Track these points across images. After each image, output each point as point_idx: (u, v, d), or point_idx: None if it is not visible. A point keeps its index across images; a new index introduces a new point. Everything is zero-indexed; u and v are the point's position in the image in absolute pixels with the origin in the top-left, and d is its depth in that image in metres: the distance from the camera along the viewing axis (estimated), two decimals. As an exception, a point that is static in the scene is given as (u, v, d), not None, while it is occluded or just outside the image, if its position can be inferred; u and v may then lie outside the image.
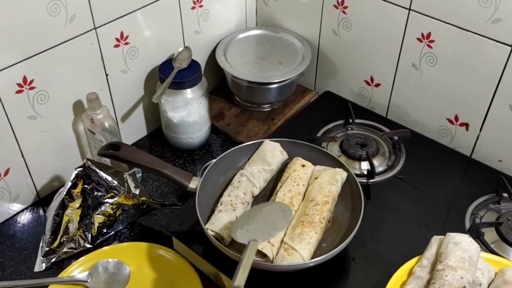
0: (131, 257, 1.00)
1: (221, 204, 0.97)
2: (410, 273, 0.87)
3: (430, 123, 1.23)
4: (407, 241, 0.99)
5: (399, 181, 1.12)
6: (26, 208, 1.11)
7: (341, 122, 1.25)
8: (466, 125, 1.17)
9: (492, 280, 0.86)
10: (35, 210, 1.11)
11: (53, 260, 1.01)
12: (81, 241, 1.02)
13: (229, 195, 0.98)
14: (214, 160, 1.03)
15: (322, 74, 1.39)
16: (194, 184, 0.97)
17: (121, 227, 1.07)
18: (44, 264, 1.01)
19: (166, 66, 1.16)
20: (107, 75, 1.11)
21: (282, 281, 0.92)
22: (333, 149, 1.17)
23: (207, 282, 0.96)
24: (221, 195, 1.00)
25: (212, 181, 1.01)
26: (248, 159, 1.07)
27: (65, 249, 1.01)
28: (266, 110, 1.34)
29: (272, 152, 1.06)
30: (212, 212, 0.97)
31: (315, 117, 1.28)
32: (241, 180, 1.01)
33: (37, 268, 1.00)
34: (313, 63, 1.37)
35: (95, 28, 1.04)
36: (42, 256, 1.01)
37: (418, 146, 1.19)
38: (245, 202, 0.97)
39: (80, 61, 1.05)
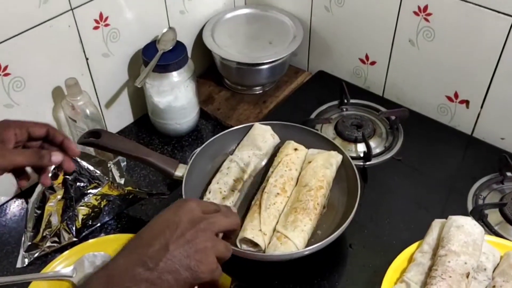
0: (118, 249, 0.95)
1: (210, 192, 0.92)
2: (411, 259, 0.82)
3: (429, 102, 1.18)
4: (407, 225, 0.95)
5: (397, 162, 1.07)
6: (7, 202, 1.06)
7: (335, 102, 1.20)
8: (467, 102, 1.12)
9: (498, 264, 0.81)
10: (17, 204, 1.06)
11: (36, 255, 0.96)
12: (65, 235, 0.97)
13: (217, 183, 0.93)
14: (201, 147, 0.98)
15: (315, 53, 1.33)
16: (180, 171, 0.92)
17: (108, 219, 1.02)
18: (26, 260, 0.96)
19: (150, 49, 1.10)
20: (87, 59, 1.05)
21: (275, 270, 0.87)
22: (328, 131, 1.12)
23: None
24: (209, 182, 0.95)
25: (200, 168, 0.97)
26: (238, 144, 1.02)
27: (48, 243, 0.96)
28: (258, 92, 1.28)
29: (262, 136, 1.01)
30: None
31: (309, 98, 1.23)
32: (231, 166, 0.96)
33: (19, 264, 0.95)
34: (305, 42, 1.31)
35: (71, 9, 0.97)
36: (25, 251, 0.96)
37: (416, 125, 1.14)
38: (235, 189, 0.92)
39: (57, 45, 0.99)
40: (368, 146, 1.05)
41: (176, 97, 1.12)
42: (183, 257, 0.57)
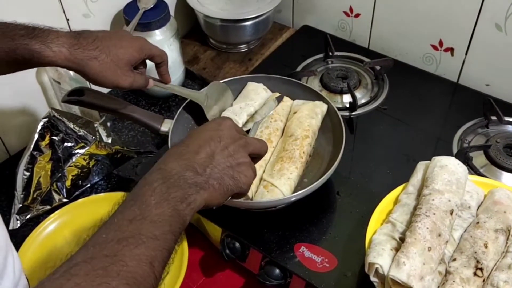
0: (108, 208, 0.94)
1: None
2: (396, 201, 0.83)
3: (414, 51, 1.17)
4: (393, 172, 0.95)
5: (383, 112, 1.07)
6: (-4, 166, 1.07)
7: (320, 56, 1.19)
8: (451, 49, 1.12)
9: (481, 202, 0.82)
10: (6, 169, 1.06)
11: (28, 216, 0.97)
12: (56, 196, 0.98)
13: None
14: (187, 101, 0.97)
15: (300, 9, 1.32)
16: (166, 126, 0.93)
17: (97, 179, 1.03)
18: (19, 222, 0.97)
19: (131, 8, 1.09)
20: (68, 20, 1.04)
21: (264, 219, 0.88)
22: (314, 84, 1.12)
23: (188, 226, 0.93)
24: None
25: (187, 123, 0.97)
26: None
27: (39, 205, 0.97)
28: (243, 50, 1.28)
29: (255, 90, 1.01)
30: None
31: (294, 53, 1.22)
32: None
33: (11, 226, 0.96)
34: (289, -3, 1.30)
35: (48, -32, 0.96)
36: (16, 214, 0.97)
37: (402, 75, 1.14)
38: None
39: (37, 6, 0.98)
40: (353, 96, 1.05)
41: (160, 56, 1.12)
42: (227, 167, 0.62)
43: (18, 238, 0.94)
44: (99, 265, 0.48)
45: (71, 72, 1.02)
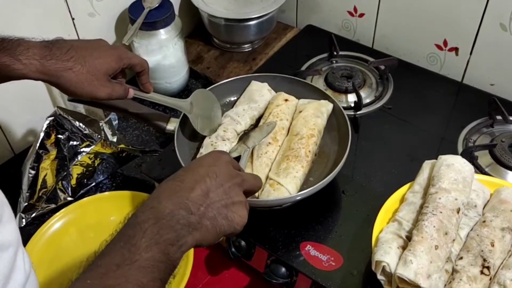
0: (113, 206, 0.96)
1: (202, 147, 0.92)
2: (402, 200, 0.83)
3: (418, 51, 1.18)
4: (398, 171, 0.95)
5: (387, 111, 1.07)
6: (1, 166, 1.07)
7: (325, 55, 1.19)
8: (456, 49, 1.12)
9: (488, 201, 0.82)
10: (11, 167, 1.07)
11: (34, 215, 0.97)
12: (61, 194, 0.98)
13: (209, 138, 0.93)
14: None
15: (303, 8, 1.32)
16: (172, 125, 0.93)
17: (102, 178, 1.03)
18: (24, 220, 0.97)
19: (136, 7, 1.09)
20: (73, 19, 1.05)
21: (270, 218, 0.88)
22: (318, 83, 1.12)
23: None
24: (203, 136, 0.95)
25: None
26: (235, 102, 1.02)
27: (44, 203, 0.97)
28: (247, 50, 1.28)
29: (259, 91, 1.01)
30: (195, 155, 0.93)
31: (298, 52, 1.22)
32: (224, 121, 0.96)
33: (17, 224, 0.96)
34: (293, -3, 1.30)
35: (54, -33, 0.97)
36: (21, 212, 0.97)
37: (406, 75, 1.14)
38: (225, 139, 0.92)
39: (42, 5, 0.98)
40: (358, 95, 1.05)
41: (164, 55, 1.12)
42: (221, 206, 0.59)
43: (23, 236, 0.91)
44: None
45: (76, 71, 1.03)
